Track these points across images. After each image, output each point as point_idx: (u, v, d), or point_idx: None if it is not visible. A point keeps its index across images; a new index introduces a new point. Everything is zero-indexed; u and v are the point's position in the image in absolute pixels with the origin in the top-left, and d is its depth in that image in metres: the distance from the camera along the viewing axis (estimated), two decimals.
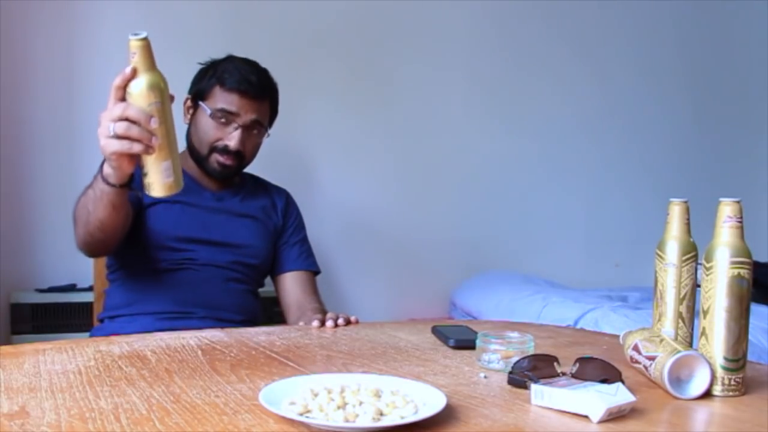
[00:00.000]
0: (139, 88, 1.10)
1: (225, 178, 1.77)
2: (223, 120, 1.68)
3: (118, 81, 1.13)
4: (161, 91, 1.11)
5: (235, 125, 1.68)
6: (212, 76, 1.73)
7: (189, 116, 1.77)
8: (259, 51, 1.84)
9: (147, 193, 1.16)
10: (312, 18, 2.54)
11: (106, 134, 1.18)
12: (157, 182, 1.15)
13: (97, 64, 2.29)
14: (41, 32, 2.23)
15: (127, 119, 1.13)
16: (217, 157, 1.70)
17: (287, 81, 1.95)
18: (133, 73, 1.11)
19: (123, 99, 1.14)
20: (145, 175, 1.16)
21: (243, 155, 1.73)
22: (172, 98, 1.17)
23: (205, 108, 1.70)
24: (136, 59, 1.10)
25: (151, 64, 1.11)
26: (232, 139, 1.68)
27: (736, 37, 3.28)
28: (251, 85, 1.70)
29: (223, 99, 1.69)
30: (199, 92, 1.75)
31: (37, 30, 2.22)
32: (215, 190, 1.79)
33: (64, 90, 2.27)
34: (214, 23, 2.41)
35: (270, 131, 1.83)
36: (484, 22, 2.84)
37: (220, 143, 1.69)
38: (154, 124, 1.12)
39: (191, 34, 2.38)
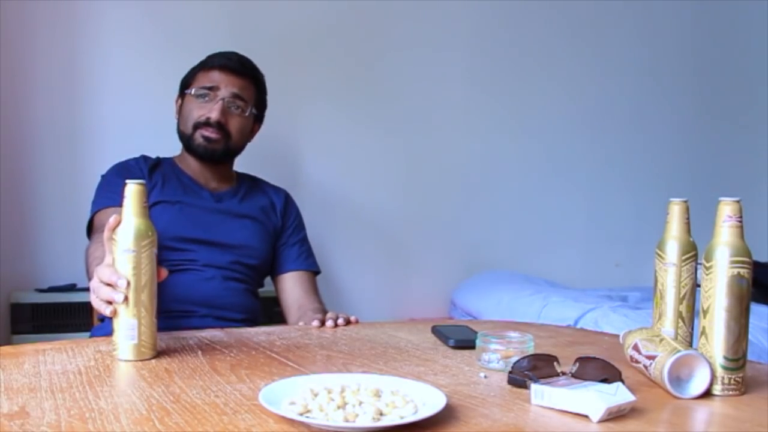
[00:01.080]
0: (121, 232, 1.09)
1: (213, 157, 1.77)
2: (205, 97, 1.74)
3: (106, 232, 1.13)
4: (140, 240, 1.09)
5: (216, 99, 1.73)
6: (196, 66, 1.81)
7: (178, 114, 1.82)
8: (258, 50, 1.85)
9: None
10: (310, 16, 2.54)
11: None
12: (119, 342, 1.09)
13: (97, 63, 2.29)
14: (41, 32, 2.23)
15: (100, 280, 1.11)
16: (201, 132, 1.74)
17: (286, 80, 1.96)
18: (122, 217, 1.10)
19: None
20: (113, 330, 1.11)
21: (228, 132, 1.75)
22: (162, 273, 1.13)
23: (188, 91, 1.76)
24: (126, 202, 1.10)
25: (139, 210, 1.09)
26: (213, 110, 1.73)
27: (737, 38, 3.28)
28: (230, 60, 1.77)
29: (204, 78, 1.76)
30: (184, 85, 1.81)
31: (37, 30, 2.22)
32: (214, 189, 1.80)
33: (65, 90, 2.26)
34: (213, 23, 2.41)
35: (262, 124, 1.87)
36: (483, 19, 2.84)
37: (202, 117, 1.73)
38: (120, 287, 1.08)
39: (191, 34, 2.37)
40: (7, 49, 2.19)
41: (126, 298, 1.08)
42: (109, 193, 1.67)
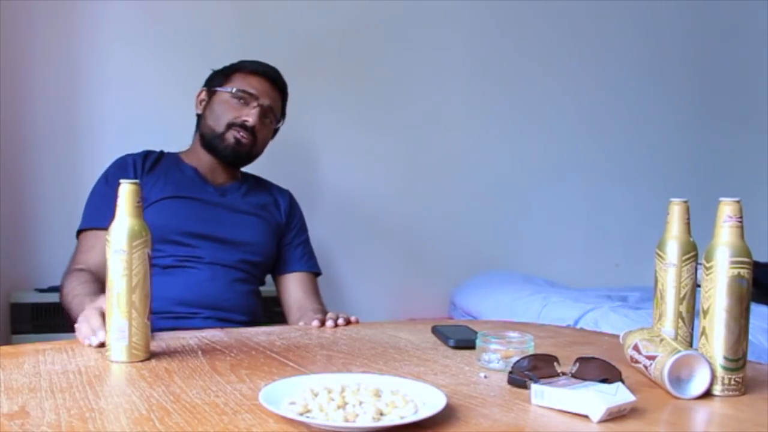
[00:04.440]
0: (114, 232, 1.09)
1: (236, 160, 1.80)
2: (242, 100, 1.77)
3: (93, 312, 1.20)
4: (133, 240, 1.08)
5: (254, 104, 1.76)
6: (230, 67, 1.83)
7: (202, 107, 1.83)
8: (259, 50, 1.85)
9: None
10: (315, 17, 2.54)
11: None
12: (110, 344, 1.09)
13: (97, 63, 2.29)
14: (41, 32, 2.23)
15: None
16: (234, 133, 1.76)
17: (289, 80, 1.95)
18: (116, 217, 1.10)
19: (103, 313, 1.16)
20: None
21: (256, 138, 1.78)
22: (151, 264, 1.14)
23: (225, 89, 1.78)
24: (119, 202, 1.10)
25: (132, 210, 1.09)
26: (251, 115, 1.75)
27: (737, 37, 3.28)
28: (270, 68, 1.82)
29: (244, 81, 1.79)
30: (216, 82, 1.82)
31: (37, 30, 2.22)
32: (219, 185, 1.81)
33: (64, 89, 2.26)
34: (214, 23, 2.41)
35: (278, 132, 1.89)
36: (486, 20, 2.84)
37: (238, 120, 1.76)
38: (100, 337, 1.14)
39: (191, 32, 2.37)
40: (6, 48, 2.18)
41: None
42: (96, 212, 1.70)
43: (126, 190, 1.10)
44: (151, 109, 2.31)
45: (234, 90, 1.77)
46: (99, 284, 1.53)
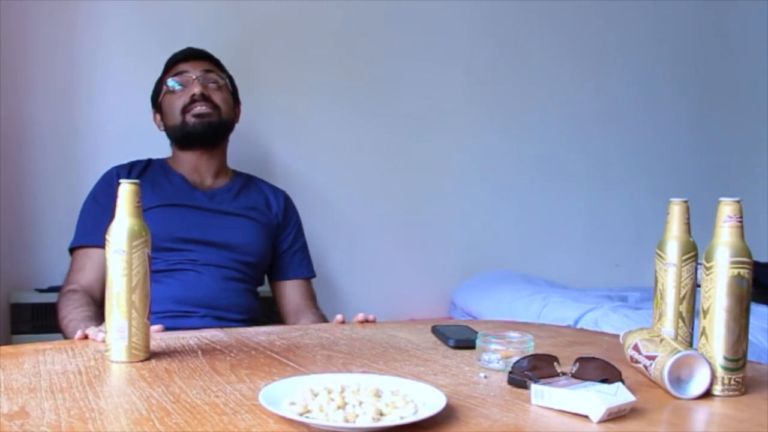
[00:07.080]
0: (114, 232, 1.09)
1: (210, 131, 1.80)
2: (179, 86, 1.80)
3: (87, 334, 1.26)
4: (132, 240, 1.08)
5: (191, 80, 1.80)
6: (158, 80, 1.89)
7: (161, 121, 1.87)
8: (258, 50, 1.85)
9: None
10: (315, 16, 2.54)
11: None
12: (111, 344, 1.09)
13: (98, 63, 2.29)
14: (41, 32, 2.22)
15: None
16: (191, 112, 1.79)
17: (285, 80, 1.96)
18: (116, 217, 1.10)
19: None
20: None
21: (216, 104, 1.80)
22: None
23: (163, 92, 1.83)
24: (119, 202, 1.10)
25: (132, 210, 1.10)
26: (194, 88, 1.78)
27: (736, 37, 3.28)
28: (183, 50, 1.87)
29: (169, 74, 1.84)
30: (156, 97, 1.88)
31: (37, 30, 2.22)
32: (207, 188, 1.81)
33: (65, 89, 2.26)
34: (213, 24, 2.41)
35: (240, 106, 1.93)
36: (483, 22, 2.84)
37: (187, 100, 1.79)
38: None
39: (192, 35, 2.36)
40: (7, 49, 2.18)
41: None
42: (85, 230, 1.74)
43: (126, 190, 1.10)
44: (151, 111, 2.31)
45: (168, 85, 1.81)
46: (92, 306, 1.56)
